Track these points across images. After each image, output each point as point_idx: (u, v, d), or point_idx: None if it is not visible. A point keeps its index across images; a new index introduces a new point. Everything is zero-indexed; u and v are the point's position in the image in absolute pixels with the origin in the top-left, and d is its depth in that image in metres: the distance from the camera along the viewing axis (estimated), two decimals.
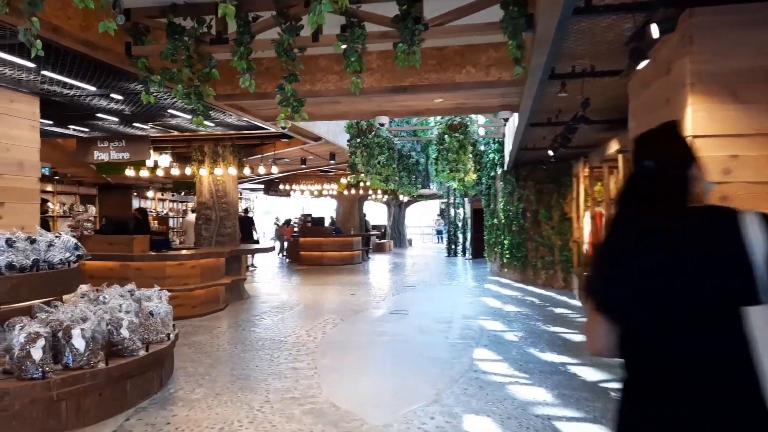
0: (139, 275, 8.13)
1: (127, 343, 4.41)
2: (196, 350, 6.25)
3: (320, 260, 17.16)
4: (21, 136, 5.16)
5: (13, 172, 5.07)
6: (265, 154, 10.57)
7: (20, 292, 4.49)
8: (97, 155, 8.36)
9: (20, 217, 5.15)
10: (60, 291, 5.01)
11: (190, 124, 7.46)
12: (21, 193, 5.16)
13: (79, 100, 5.88)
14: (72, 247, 5.20)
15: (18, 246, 4.54)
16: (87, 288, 5.65)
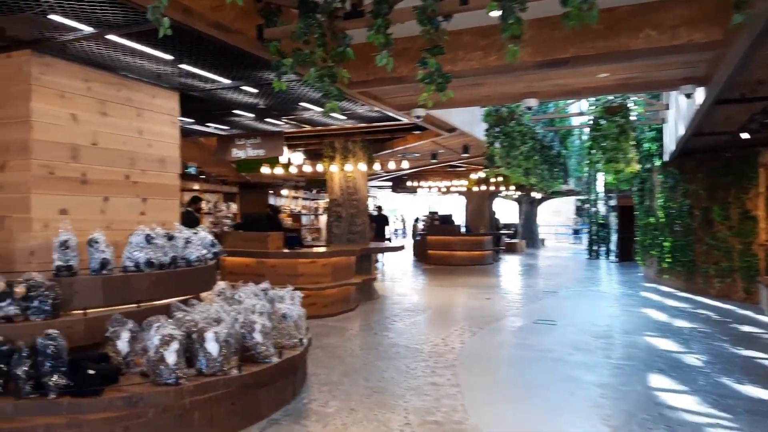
0: (274, 272, 8.10)
1: (260, 349, 4.11)
2: (328, 354, 5.91)
3: (448, 260, 16.52)
4: (162, 132, 5.15)
5: (155, 168, 5.07)
6: (395, 148, 10.16)
7: (158, 289, 4.39)
8: (235, 153, 8.48)
9: (161, 213, 5.14)
10: (197, 289, 4.89)
11: (321, 117, 7.20)
12: (162, 190, 5.16)
13: (216, 95, 5.80)
14: (209, 244, 5.08)
15: (157, 243, 4.46)
16: (224, 285, 5.53)
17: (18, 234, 4.08)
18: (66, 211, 4.27)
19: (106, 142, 4.60)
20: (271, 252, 8.13)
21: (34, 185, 4.05)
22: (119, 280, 4.13)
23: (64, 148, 4.27)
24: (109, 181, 4.63)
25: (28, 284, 3.57)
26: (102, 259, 4.07)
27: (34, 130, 4.06)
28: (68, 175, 4.30)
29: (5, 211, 4.13)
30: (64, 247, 3.90)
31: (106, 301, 4.02)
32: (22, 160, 4.06)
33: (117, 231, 4.62)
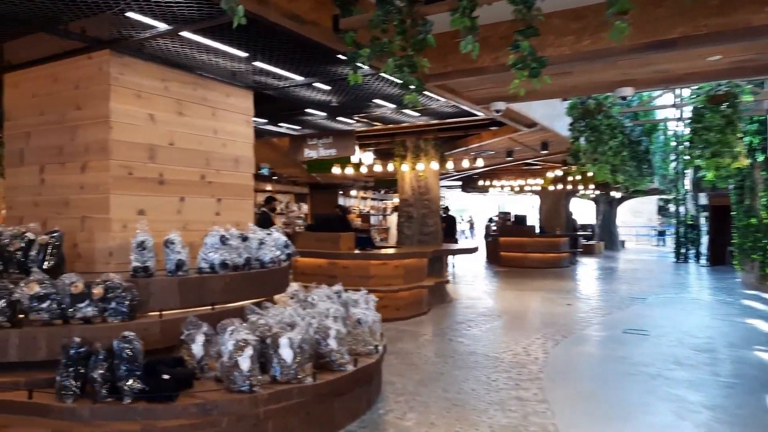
0: (346, 273, 7.94)
1: (335, 356, 3.90)
2: (402, 361, 5.64)
3: (522, 262, 15.84)
4: (237, 131, 5.09)
5: (230, 168, 5.01)
6: (469, 146, 9.76)
7: (233, 292, 4.29)
8: (307, 153, 8.42)
9: (235, 213, 5.08)
10: (270, 291, 4.77)
11: (394, 114, 6.95)
12: (236, 190, 5.09)
13: (289, 93, 5.69)
14: (282, 245, 4.95)
15: (231, 244, 4.36)
16: (297, 287, 5.40)
17: (98, 234, 4.09)
18: (144, 212, 4.25)
19: (182, 142, 4.57)
20: (342, 253, 7.99)
21: (113, 186, 4.05)
22: (194, 281, 4.05)
23: (142, 149, 4.26)
24: (185, 181, 4.59)
25: (105, 285, 3.54)
26: (177, 260, 4.01)
27: (113, 131, 4.06)
28: (146, 175, 4.28)
29: (86, 211, 4.16)
30: (141, 247, 3.86)
31: (181, 303, 3.95)
32: (102, 161, 4.07)
33: (192, 232, 4.57)
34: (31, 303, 3.38)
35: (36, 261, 3.68)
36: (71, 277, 3.50)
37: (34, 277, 3.44)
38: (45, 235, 3.73)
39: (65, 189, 4.27)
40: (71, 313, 3.47)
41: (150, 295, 3.82)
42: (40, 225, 4.30)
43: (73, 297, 3.46)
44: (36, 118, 4.46)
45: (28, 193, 4.52)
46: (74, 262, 4.19)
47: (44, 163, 4.41)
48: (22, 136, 4.57)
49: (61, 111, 4.30)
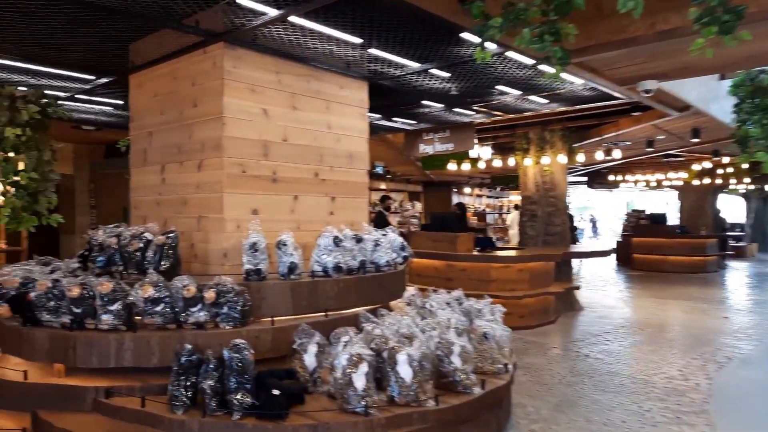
0: (464, 276, 7.42)
1: (459, 376, 3.40)
2: (533, 378, 4.99)
3: (658, 265, 14.17)
4: (351, 125, 4.78)
5: (344, 164, 4.71)
6: (603, 136, 8.72)
7: (346, 297, 3.96)
8: (422, 148, 7.99)
9: (349, 213, 4.77)
10: (386, 297, 4.39)
11: (518, 102, 6.28)
12: (351, 188, 4.78)
13: (405, 83, 5.28)
14: (399, 246, 4.55)
15: (345, 245, 4.03)
16: (414, 292, 4.99)
17: (213, 235, 3.96)
18: (257, 211, 4.06)
19: (295, 137, 4.33)
20: (460, 254, 7.45)
21: (227, 184, 3.89)
22: (307, 286, 3.77)
23: (256, 145, 4.07)
24: (298, 179, 4.35)
25: (217, 289, 3.35)
26: (290, 263, 3.75)
27: (227, 127, 3.89)
28: (259, 173, 4.09)
29: (202, 210, 4.06)
30: (254, 249, 3.65)
31: (293, 309, 3.68)
32: (216, 158, 3.93)
33: (305, 232, 4.32)
34: (145, 306, 3.27)
35: (152, 262, 3.60)
36: (183, 279, 3.36)
37: (149, 279, 3.34)
38: (162, 236, 3.65)
39: (183, 188, 4.21)
40: (184, 317, 3.32)
41: (261, 299, 3.59)
42: (161, 225, 4.29)
43: (186, 301, 3.31)
44: (157, 118, 4.47)
45: (151, 193, 4.54)
46: (191, 263, 4.11)
47: (165, 162, 4.40)
48: (145, 136, 4.62)
49: (179, 109, 4.25)
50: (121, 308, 3.28)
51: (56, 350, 3.23)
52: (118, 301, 3.28)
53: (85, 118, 7.13)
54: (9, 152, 3.66)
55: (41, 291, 3.32)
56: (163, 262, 3.62)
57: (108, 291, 3.26)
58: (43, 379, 3.32)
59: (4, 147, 3.64)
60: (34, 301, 3.32)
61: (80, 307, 3.27)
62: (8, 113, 3.70)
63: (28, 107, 3.75)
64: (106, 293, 3.25)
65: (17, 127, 3.68)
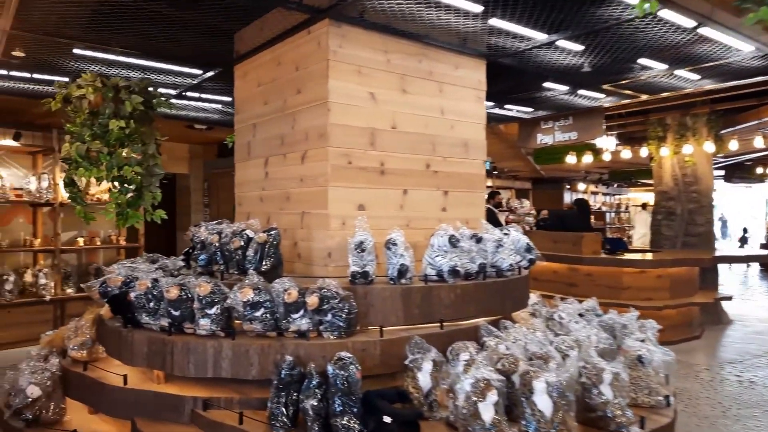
0: (589, 282, 6.58)
1: (611, 411, 2.73)
2: (687, 409, 4.13)
3: None
4: (466, 110, 4.23)
5: (458, 154, 4.17)
6: (761, 119, 7.37)
7: (464, 306, 3.42)
8: (540, 139, 7.21)
9: (464, 208, 4.22)
10: (509, 306, 3.78)
11: (662, 78, 5.34)
12: (465, 180, 4.24)
13: (528, 60, 4.64)
14: (523, 247, 3.93)
15: (462, 246, 3.49)
16: (537, 300, 4.34)
17: (316, 232, 3.61)
18: (363, 207, 3.65)
19: (405, 124, 3.87)
20: (586, 257, 6.61)
21: (331, 177, 3.51)
22: (420, 292, 3.28)
23: (363, 133, 3.65)
24: (408, 170, 3.88)
25: (321, 294, 2.96)
26: (401, 265, 3.27)
27: (332, 114, 3.51)
28: (366, 164, 3.67)
29: (306, 206, 3.72)
30: (360, 249, 3.22)
31: (404, 318, 3.21)
32: (320, 149, 3.56)
33: (416, 230, 3.85)
34: (244, 310, 2.96)
35: (253, 262, 3.29)
36: (284, 282, 3.01)
37: (249, 282, 3.02)
38: (263, 233, 3.34)
39: (287, 182, 3.91)
40: (284, 324, 2.97)
41: (369, 306, 3.16)
42: (263, 221, 4.03)
43: (287, 306, 2.95)
44: (261, 108, 4.22)
45: (254, 188, 4.31)
46: (294, 262, 3.79)
47: (268, 155, 4.13)
48: (249, 129, 4.40)
49: (283, 97, 3.96)
50: (220, 312, 2.99)
51: (154, 356, 3.02)
52: (216, 305, 2.99)
53: (197, 117, 7.22)
54: (114, 146, 3.56)
55: (141, 291, 3.13)
56: (264, 261, 3.30)
57: (206, 293, 2.98)
58: (142, 385, 3.13)
59: (109, 140, 3.54)
60: (133, 301, 3.13)
61: (178, 310, 3.03)
62: (113, 105, 3.61)
63: (131, 98, 3.64)
64: (204, 295, 2.98)
65: (121, 119, 3.57)
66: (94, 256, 7.44)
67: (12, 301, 6.13)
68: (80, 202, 3.78)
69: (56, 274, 6.55)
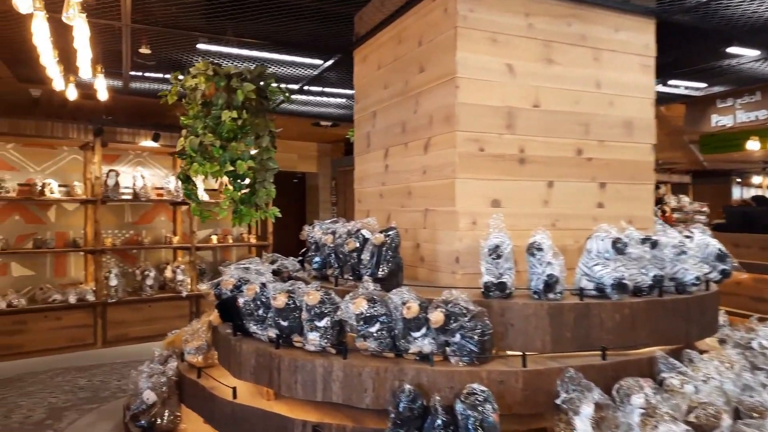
0: None
1: None
2: None
3: None
4: (630, 82, 3.40)
5: (619, 137, 3.36)
6: None
7: (634, 330, 2.65)
8: (716, 121, 5.95)
9: (627, 205, 3.39)
10: (695, 332, 2.92)
11: None
12: (628, 169, 3.40)
13: (712, 15, 3.64)
14: (714, 255, 3.04)
15: (631, 252, 2.72)
16: (723, 320, 3.42)
17: (441, 233, 3.06)
18: (498, 203, 3.03)
19: (551, 101, 3.17)
20: None
21: (460, 166, 2.94)
22: (574, 310, 2.58)
23: (498, 114, 3.03)
24: (554, 158, 3.18)
25: (447, 309, 2.41)
26: (548, 276, 2.60)
27: (461, 91, 2.94)
28: (502, 151, 3.04)
29: (429, 202, 3.19)
30: (495, 254, 2.61)
31: (552, 343, 2.54)
32: (447, 134, 3.01)
33: (564, 232, 3.14)
34: (357, 325, 2.51)
35: (369, 266, 2.84)
36: (403, 293, 2.51)
37: (362, 291, 2.57)
38: (380, 233, 2.87)
39: (408, 175, 3.42)
40: (403, 344, 2.47)
41: (507, 326, 2.54)
42: (383, 220, 3.59)
43: (407, 322, 2.45)
44: (380, 93, 3.78)
45: (374, 183, 3.88)
46: (416, 267, 3.29)
47: (388, 146, 3.68)
48: (368, 118, 3.98)
49: (404, 78, 3.47)
50: (330, 326, 2.58)
51: (261, 370, 2.69)
52: (326, 316, 2.58)
53: (322, 113, 7.05)
54: (227, 138, 3.34)
55: (249, 296, 2.83)
56: (381, 267, 2.83)
57: (315, 302, 2.59)
58: (252, 401, 2.83)
59: (221, 132, 3.33)
60: (242, 307, 2.84)
61: (286, 320, 2.68)
62: (225, 95, 3.39)
63: (243, 86, 3.39)
64: (313, 305, 2.59)
65: (234, 109, 3.33)
66: (227, 254, 7.64)
67: (152, 296, 6.43)
68: (195, 199, 3.65)
69: (192, 270, 6.77)
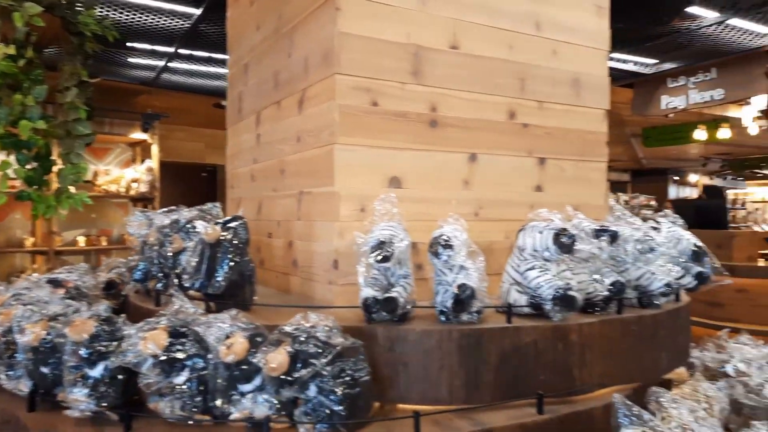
0: (744, 301, 4.66)
1: None
2: None
3: None
4: (578, 26, 2.55)
5: (564, 97, 2.52)
6: None
7: (585, 365, 1.80)
8: (666, 102, 5.31)
9: (574, 189, 2.56)
10: (665, 363, 2.10)
11: None
12: (575, 141, 2.58)
13: None
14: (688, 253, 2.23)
15: (581, 250, 1.86)
16: (694, 346, 2.66)
17: (318, 226, 2.12)
18: (399, 182, 2.11)
19: (475, 43, 2.28)
20: (738, 266, 4.67)
21: (342, 127, 2.00)
22: (499, 338, 1.69)
23: (400, 54, 2.11)
24: (479, 122, 2.29)
25: (295, 346, 1.46)
26: (460, 287, 1.69)
27: (343, 16, 2.01)
28: (405, 108, 2.13)
29: (304, 181, 2.25)
30: (381, 255, 1.69)
31: (467, 391, 1.64)
32: (325, 80, 2.07)
33: (490, 223, 2.27)
34: (152, 374, 1.52)
35: (196, 275, 1.86)
36: (225, 322, 1.55)
37: (166, 319, 1.59)
38: (216, 225, 1.89)
39: (281, 145, 2.46)
40: (223, 407, 1.50)
41: (397, 367, 1.63)
42: (254, 210, 2.62)
43: (230, 370, 1.49)
44: (253, 38, 2.81)
45: (245, 160, 2.91)
46: (289, 275, 2.33)
47: (260, 108, 2.71)
48: (240, 74, 3.00)
49: (277, 11, 2.51)
50: (109, 376, 1.58)
51: None
52: (104, 360, 1.58)
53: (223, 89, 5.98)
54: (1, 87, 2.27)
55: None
56: (217, 276, 1.85)
57: (84, 337, 1.58)
58: None
59: None
60: None
61: (47, 365, 1.66)
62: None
63: (25, 6, 2.29)
64: (80, 342, 1.58)
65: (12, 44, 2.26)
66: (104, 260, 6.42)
67: None
68: None
69: None
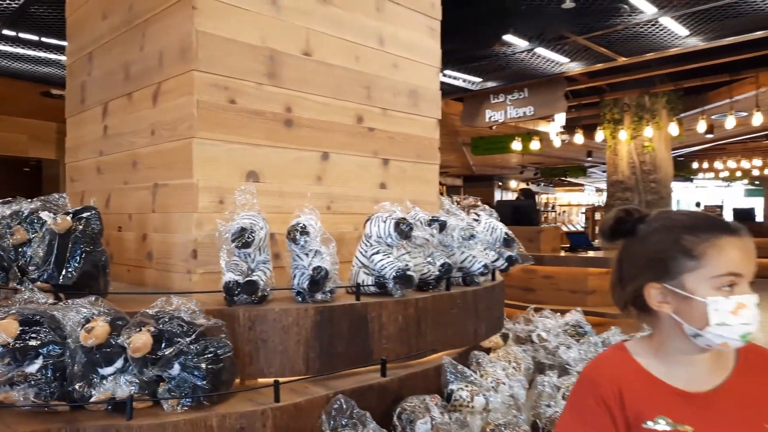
0: (549, 286, 5.54)
1: None
2: None
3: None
4: (415, 43, 2.91)
5: (405, 106, 2.85)
6: (722, 102, 6.57)
7: (420, 334, 2.12)
8: (489, 116, 6.10)
9: (413, 186, 2.93)
10: (483, 331, 2.53)
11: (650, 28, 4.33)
12: (414, 145, 2.93)
13: None
14: (500, 239, 2.70)
15: (416, 237, 2.19)
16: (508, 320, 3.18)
17: (176, 218, 2.17)
18: (256, 176, 2.25)
19: (326, 51, 2.50)
20: (546, 255, 5.54)
21: (200, 122, 2.08)
22: (349, 313, 1.93)
23: (256, 56, 2.25)
24: (330, 124, 2.52)
25: (159, 327, 1.54)
26: (315, 269, 1.90)
27: (200, 15, 2.09)
28: (262, 107, 2.27)
29: (160, 174, 2.27)
30: (242, 242, 1.83)
31: (321, 361, 1.85)
32: (183, 75, 2.13)
33: (341, 216, 2.51)
34: (2, 363, 1.48)
35: (45, 267, 1.81)
36: (83, 306, 1.56)
37: (16, 308, 1.55)
38: (65, 215, 1.85)
39: (133, 138, 2.44)
40: (84, 389, 1.52)
41: (258, 344, 1.78)
42: (103, 202, 2.55)
43: (89, 354, 1.51)
44: (99, 27, 2.72)
45: (90, 152, 2.79)
46: (143, 269, 2.33)
47: (108, 99, 2.63)
48: (83, 63, 2.87)
49: (127, 3, 2.48)
50: None
51: None
52: None
53: (53, 77, 5.47)
54: None
55: None
56: (68, 266, 1.83)
57: None
58: None
59: None
60: None
61: None
62: None
63: None
64: None
65: None
66: None
67: None
68: None
69: None
